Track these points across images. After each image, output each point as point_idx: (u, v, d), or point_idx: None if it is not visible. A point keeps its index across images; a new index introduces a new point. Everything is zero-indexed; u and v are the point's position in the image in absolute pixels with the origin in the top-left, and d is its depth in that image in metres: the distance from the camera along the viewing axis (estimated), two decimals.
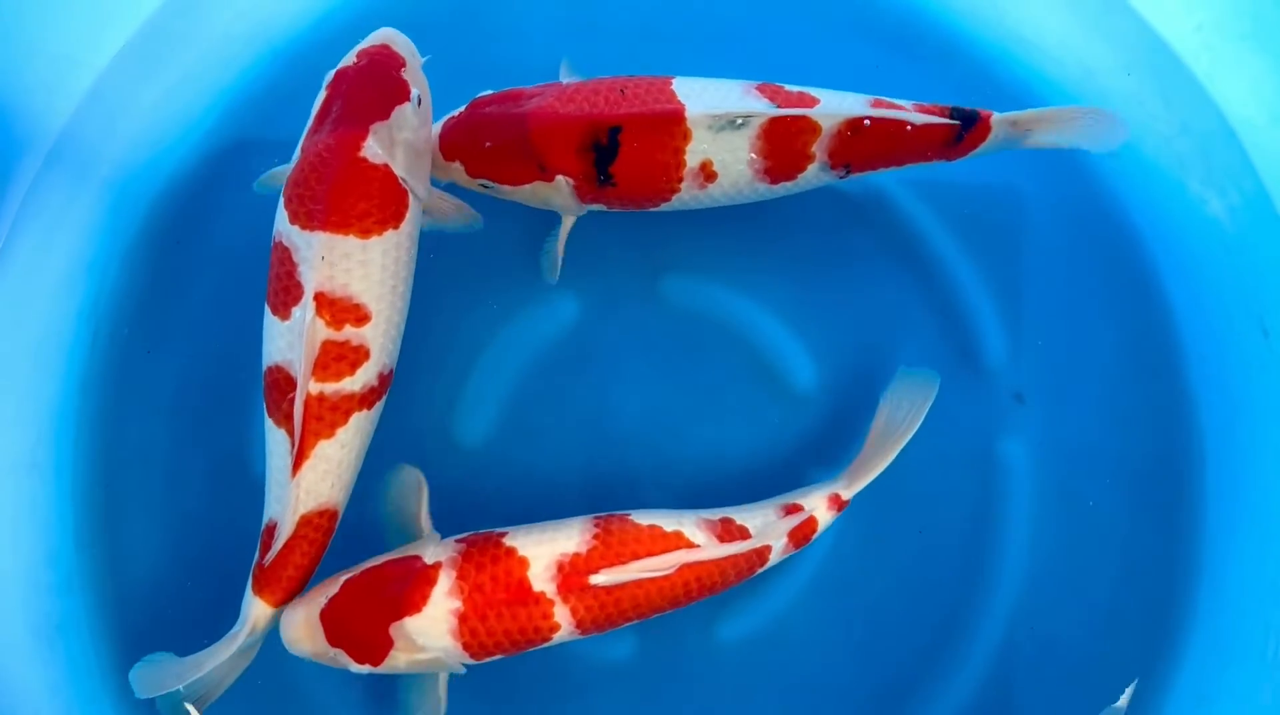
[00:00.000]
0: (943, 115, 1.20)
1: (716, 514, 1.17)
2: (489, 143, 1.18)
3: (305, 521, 1.12)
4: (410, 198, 1.14)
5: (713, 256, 1.37)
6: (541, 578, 1.09)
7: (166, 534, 1.31)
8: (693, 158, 1.15)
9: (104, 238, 1.36)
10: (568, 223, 1.26)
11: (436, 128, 1.20)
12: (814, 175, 1.21)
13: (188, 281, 1.37)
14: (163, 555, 1.30)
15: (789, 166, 1.19)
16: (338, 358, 1.10)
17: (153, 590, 1.30)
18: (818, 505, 1.19)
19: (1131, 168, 1.39)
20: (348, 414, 1.12)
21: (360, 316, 1.11)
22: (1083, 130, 1.22)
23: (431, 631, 1.08)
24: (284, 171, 1.16)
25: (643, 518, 1.14)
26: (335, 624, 1.10)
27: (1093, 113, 1.22)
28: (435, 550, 1.12)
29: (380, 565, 1.12)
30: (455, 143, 1.20)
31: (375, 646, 1.09)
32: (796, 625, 1.30)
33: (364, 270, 1.10)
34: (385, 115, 1.12)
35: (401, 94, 1.14)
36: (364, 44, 1.18)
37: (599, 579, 1.08)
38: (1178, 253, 1.37)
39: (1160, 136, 1.38)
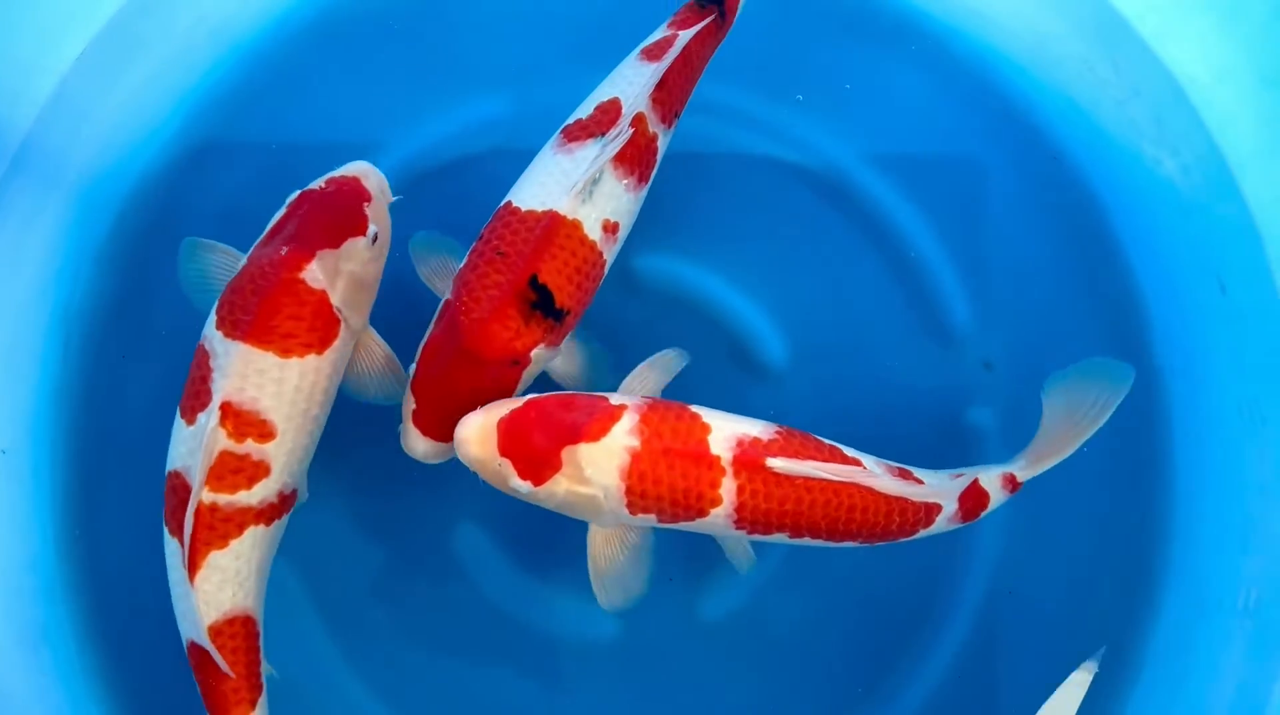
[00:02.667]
0: (699, 14, 1.23)
1: (895, 464, 1.15)
2: (458, 403, 1.13)
3: (216, 632, 1.10)
4: (342, 327, 1.13)
5: (680, 237, 1.38)
6: (720, 445, 1.07)
7: (147, 537, 1.30)
8: (594, 232, 1.14)
9: (73, 244, 1.36)
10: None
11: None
12: (664, 144, 1.22)
13: (160, 285, 1.36)
14: (144, 558, 1.29)
15: (648, 159, 1.19)
16: (235, 470, 1.08)
17: (135, 593, 1.30)
18: (992, 481, 1.17)
19: (1086, 133, 1.41)
20: (242, 527, 1.10)
21: (265, 433, 1.09)
22: None
23: (602, 464, 1.07)
24: (216, 249, 1.18)
25: (826, 439, 1.13)
26: (511, 434, 1.08)
27: None
28: (622, 397, 1.12)
29: (568, 394, 1.12)
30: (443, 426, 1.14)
31: (543, 465, 1.07)
32: (776, 600, 1.31)
33: (277, 388, 1.09)
34: (335, 245, 1.12)
35: (358, 227, 1.14)
36: (337, 172, 1.18)
37: (775, 462, 1.06)
38: (1135, 214, 1.39)
39: (1112, 101, 1.41)
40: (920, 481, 1.12)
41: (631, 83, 1.18)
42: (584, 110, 1.19)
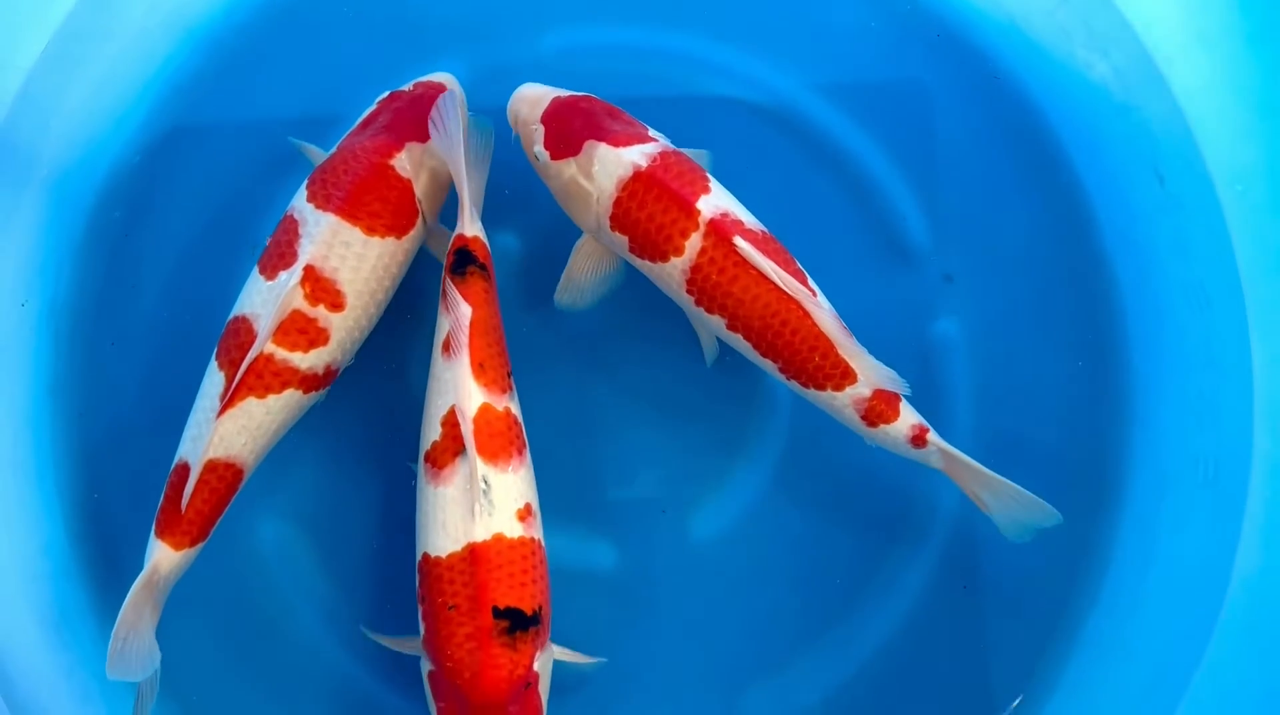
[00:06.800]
0: (464, 283, 1.20)
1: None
2: None
3: (210, 467, 1.13)
4: (419, 220, 1.22)
5: None
6: (708, 205, 1.17)
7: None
8: (515, 530, 1.13)
9: (51, 239, 1.38)
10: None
11: None
12: (514, 405, 1.20)
13: (142, 272, 1.40)
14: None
15: (515, 432, 1.19)
16: (300, 330, 1.15)
17: None
18: (910, 414, 1.19)
19: (1021, 44, 1.45)
20: (284, 386, 1.15)
21: (336, 303, 1.16)
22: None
23: (609, 169, 1.18)
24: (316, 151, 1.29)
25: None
26: (557, 110, 1.23)
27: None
28: (660, 136, 1.23)
29: (620, 110, 1.25)
30: None
31: (566, 146, 1.20)
32: (764, 519, 1.34)
33: (356, 263, 1.17)
34: (423, 140, 1.22)
35: None
36: (424, 78, 1.30)
37: (742, 243, 1.15)
38: (1074, 118, 1.44)
39: (1042, 10, 1.44)
40: (854, 343, 1.17)
41: (456, 384, 1.16)
42: (431, 432, 1.16)
